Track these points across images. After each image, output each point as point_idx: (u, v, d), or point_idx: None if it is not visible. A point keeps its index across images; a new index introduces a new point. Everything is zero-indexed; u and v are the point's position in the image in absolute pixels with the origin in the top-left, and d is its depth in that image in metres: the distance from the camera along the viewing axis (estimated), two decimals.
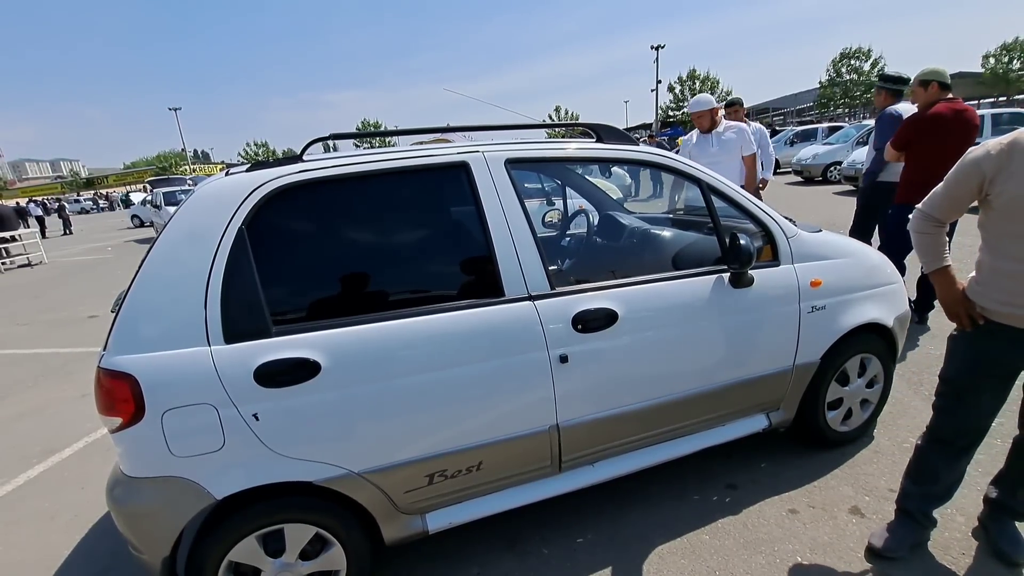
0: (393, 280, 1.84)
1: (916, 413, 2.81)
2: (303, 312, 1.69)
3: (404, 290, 1.82)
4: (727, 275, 2.09)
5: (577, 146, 2.10)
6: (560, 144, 2.06)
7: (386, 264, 1.85)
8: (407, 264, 1.88)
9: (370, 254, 1.84)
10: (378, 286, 1.80)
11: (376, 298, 1.77)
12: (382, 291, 1.80)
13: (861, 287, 2.38)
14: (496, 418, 1.83)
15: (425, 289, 1.83)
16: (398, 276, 1.85)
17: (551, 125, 2.55)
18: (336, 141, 1.92)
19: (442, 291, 1.83)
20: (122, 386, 1.50)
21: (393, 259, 1.87)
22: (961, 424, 1.76)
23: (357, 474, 1.69)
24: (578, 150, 2.08)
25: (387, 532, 1.81)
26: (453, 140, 2.46)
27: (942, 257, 1.69)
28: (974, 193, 1.57)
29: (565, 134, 7.04)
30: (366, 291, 1.79)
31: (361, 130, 31.03)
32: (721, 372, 2.15)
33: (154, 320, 1.55)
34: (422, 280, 1.87)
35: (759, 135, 5.00)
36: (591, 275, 2.14)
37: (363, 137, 1.99)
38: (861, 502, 2.20)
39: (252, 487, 1.60)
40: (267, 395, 1.57)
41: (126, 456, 1.59)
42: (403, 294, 1.80)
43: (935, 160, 3.05)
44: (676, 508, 2.25)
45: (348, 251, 1.82)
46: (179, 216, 1.63)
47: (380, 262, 1.85)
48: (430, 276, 1.88)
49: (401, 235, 1.90)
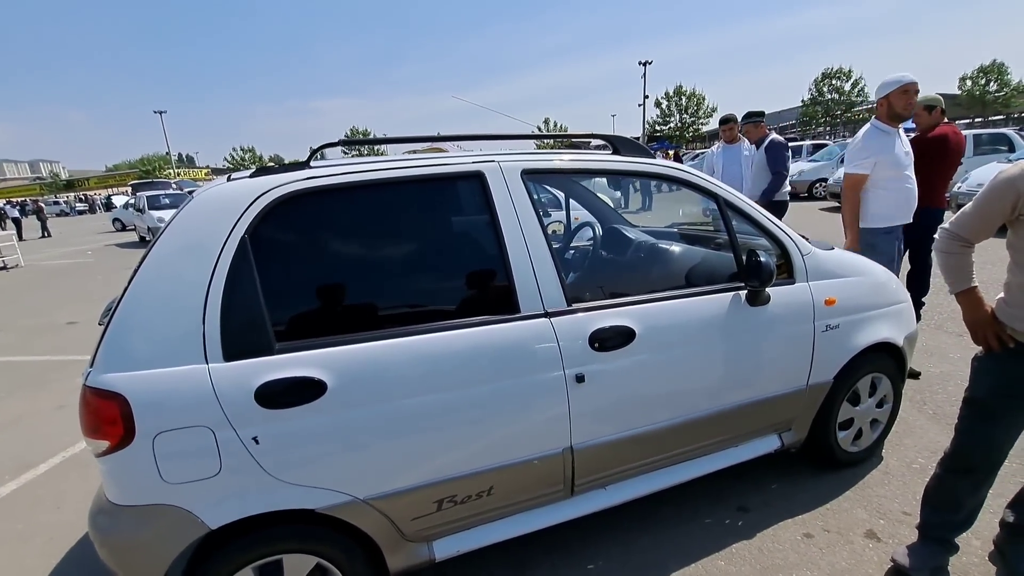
0: (403, 295, 1.75)
1: (922, 432, 2.79)
2: (308, 328, 1.59)
3: (415, 306, 1.73)
4: (744, 292, 2.04)
5: (596, 158, 2.04)
6: (579, 156, 2.00)
7: (396, 278, 1.76)
8: (418, 278, 1.79)
9: (380, 267, 1.75)
10: (388, 301, 1.71)
11: (386, 314, 1.68)
12: (392, 306, 1.71)
13: (873, 306, 2.36)
14: (509, 440, 1.74)
15: (437, 305, 1.74)
16: (409, 291, 1.76)
17: (560, 136, 2.50)
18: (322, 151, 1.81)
19: (454, 307, 1.75)
20: (110, 406, 1.39)
21: (403, 273, 1.78)
22: (986, 448, 1.72)
23: (362, 501, 1.59)
24: (597, 162, 2.02)
25: (392, 561, 1.71)
26: (447, 150, 2.39)
27: (970, 278, 1.66)
28: (1007, 212, 1.54)
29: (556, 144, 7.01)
30: (375, 306, 1.69)
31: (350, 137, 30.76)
32: (737, 391, 2.09)
33: (147, 335, 1.44)
34: (434, 295, 1.78)
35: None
36: (604, 291, 2.07)
37: (371, 144, 1.91)
38: (876, 525, 2.15)
39: (248, 516, 1.49)
40: (268, 416, 1.46)
41: (112, 482, 1.47)
42: (414, 310, 1.71)
43: (935, 175, 3.44)
44: (689, 532, 2.17)
45: (357, 264, 1.73)
46: (176, 223, 1.53)
47: (390, 276, 1.76)
48: (442, 291, 1.80)
49: (412, 248, 1.82)
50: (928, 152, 3.43)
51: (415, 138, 1.87)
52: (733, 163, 5.07)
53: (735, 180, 5.00)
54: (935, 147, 3.47)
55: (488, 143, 2.16)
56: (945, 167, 3.54)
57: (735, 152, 5.07)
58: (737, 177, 5.00)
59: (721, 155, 5.18)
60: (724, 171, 5.09)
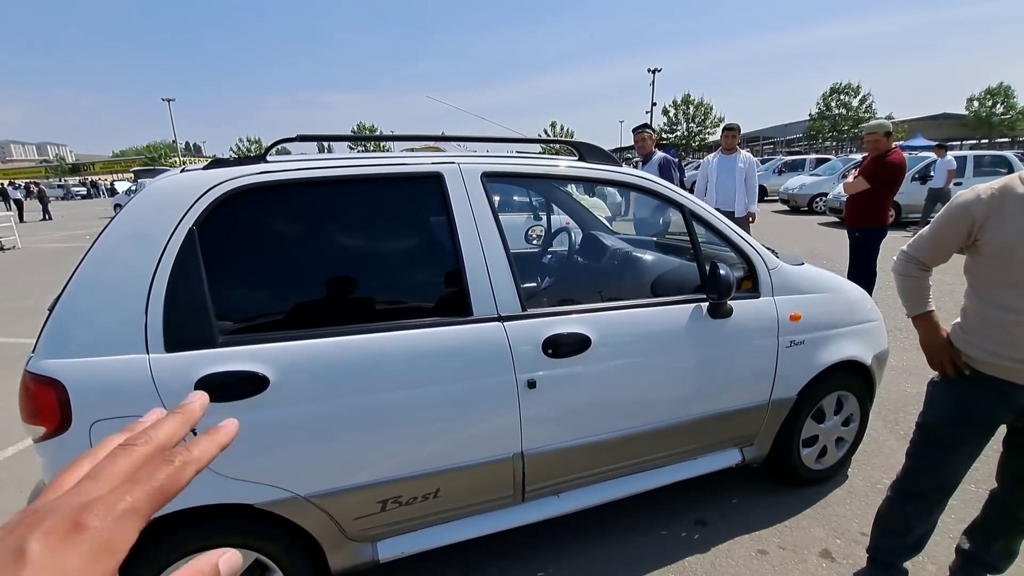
0: (353, 293, 1.74)
1: (891, 452, 2.77)
2: (254, 322, 1.58)
3: (365, 305, 1.72)
4: (705, 304, 2.02)
5: (557, 163, 2.03)
6: (540, 160, 2.00)
7: (347, 276, 1.75)
8: (370, 277, 1.78)
9: (331, 265, 1.74)
10: (337, 299, 1.70)
11: (334, 311, 1.67)
12: (341, 304, 1.70)
13: (841, 323, 2.34)
14: (457, 443, 1.73)
15: (387, 304, 1.74)
16: (359, 289, 1.75)
17: (537, 140, 2.49)
18: (332, 144, 1.82)
19: (406, 307, 1.74)
20: (48, 392, 1.38)
21: (355, 271, 1.77)
22: (937, 475, 1.70)
23: (303, 498, 1.58)
24: (557, 167, 2.01)
25: (333, 560, 1.70)
26: (445, 150, 2.39)
27: (926, 302, 1.65)
28: (963, 238, 1.52)
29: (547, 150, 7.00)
30: (324, 303, 1.69)
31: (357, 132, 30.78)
32: (695, 404, 2.08)
33: (89, 323, 1.43)
34: (385, 295, 1.77)
35: (748, 164, 5.02)
36: (567, 296, 2.07)
37: (333, 140, 1.90)
38: (832, 545, 2.13)
39: (186, 508, 1.48)
40: (208, 410, 1.45)
41: (49, 468, 1.47)
42: (363, 309, 1.71)
43: (883, 195, 4.09)
44: (643, 544, 2.16)
45: (307, 260, 1.72)
46: (125, 212, 1.52)
47: (341, 274, 1.75)
48: (394, 291, 1.79)
49: (365, 246, 1.81)
50: (892, 173, 3.98)
51: (385, 137, 1.87)
52: (727, 173, 5.05)
53: (727, 191, 4.99)
54: (897, 169, 3.99)
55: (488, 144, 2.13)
56: (896, 189, 4.14)
57: (730, 163, 5.06)
58: (730, 188, 4.99)
59: (716, 165, 5.17)
60: (718, 181, 5.08)
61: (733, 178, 5.00)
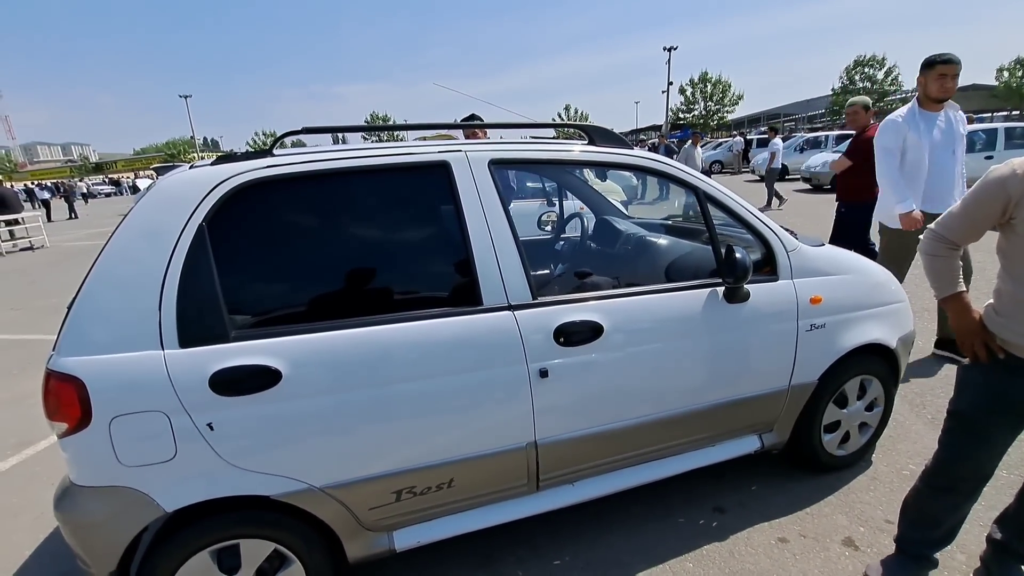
0: (363, 285, 1.73)
1: (917, 438, 2.69)
2: (265, 316, 1.59)
3: (374, 296, 1.71)
4: (721, 289, 1.97)
5: (566, 148, 1.99)
6: (549, 145, 1.95)
7: (356, 268, 1.75)
8: (379, 269, 1.77)
9: (340, 257, 1.74)
10: (347, 291, 1.70)
11: (345, 304, 1.67)
12: (351, 297, 1.70)
13: (864, 305, 2.27)
14: (470, 433, 1.73)
15: (398, 296, 1.73)
16: (369, 281, 1.75)
17: (545, 125, 2.45)
18: (346, 135, 1.81)
19: (416, 298, 1.73)
20: (68, 389, 1.41)
21: (364, 263, 1.76)
22: (969, 465, 1.62)
23: (319, 489, 1.60)
24: (567, 152, 1.97)
25: (350, 550, 1.72)
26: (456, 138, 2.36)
27: (956, 282, 1.57)
28: (997, 215, 1.43)
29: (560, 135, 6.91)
30: (334, 296, 1.69)
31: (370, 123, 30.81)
32: (712, 391, 2.04)
33: (105, 321, 1.46)
34: (395, 286, 1.76)
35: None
36: (579, 283, 2.03)
37: (338, 132, 1.88)
38: (856, 533, 2.09)
39: (205, 500, 1.51)
40: (223, 404, 1.47)
41: (73, 463, 1.50)
42: (373, 300, 1.70)
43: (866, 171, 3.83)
44: (660, 532, 2.14)
45: (317, 253, 1.71)
46: (136, 211, 1.53)
47: (350, 266, 1.74)
48: (404, 282, 1.78)
49: (374, 238, 1.80)
50: (866, 149, 3.79)
51: (391, 127, 1.84)
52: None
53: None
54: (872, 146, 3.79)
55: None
56: None
57: None
58: None
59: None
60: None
61: None
